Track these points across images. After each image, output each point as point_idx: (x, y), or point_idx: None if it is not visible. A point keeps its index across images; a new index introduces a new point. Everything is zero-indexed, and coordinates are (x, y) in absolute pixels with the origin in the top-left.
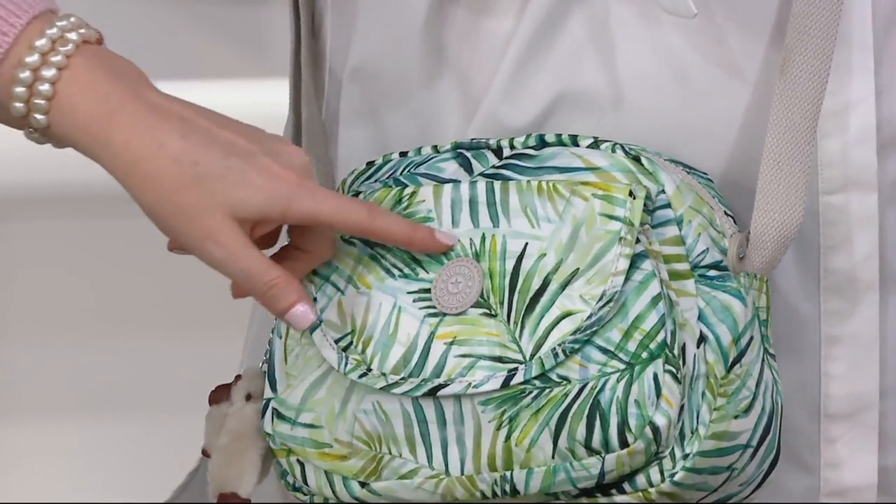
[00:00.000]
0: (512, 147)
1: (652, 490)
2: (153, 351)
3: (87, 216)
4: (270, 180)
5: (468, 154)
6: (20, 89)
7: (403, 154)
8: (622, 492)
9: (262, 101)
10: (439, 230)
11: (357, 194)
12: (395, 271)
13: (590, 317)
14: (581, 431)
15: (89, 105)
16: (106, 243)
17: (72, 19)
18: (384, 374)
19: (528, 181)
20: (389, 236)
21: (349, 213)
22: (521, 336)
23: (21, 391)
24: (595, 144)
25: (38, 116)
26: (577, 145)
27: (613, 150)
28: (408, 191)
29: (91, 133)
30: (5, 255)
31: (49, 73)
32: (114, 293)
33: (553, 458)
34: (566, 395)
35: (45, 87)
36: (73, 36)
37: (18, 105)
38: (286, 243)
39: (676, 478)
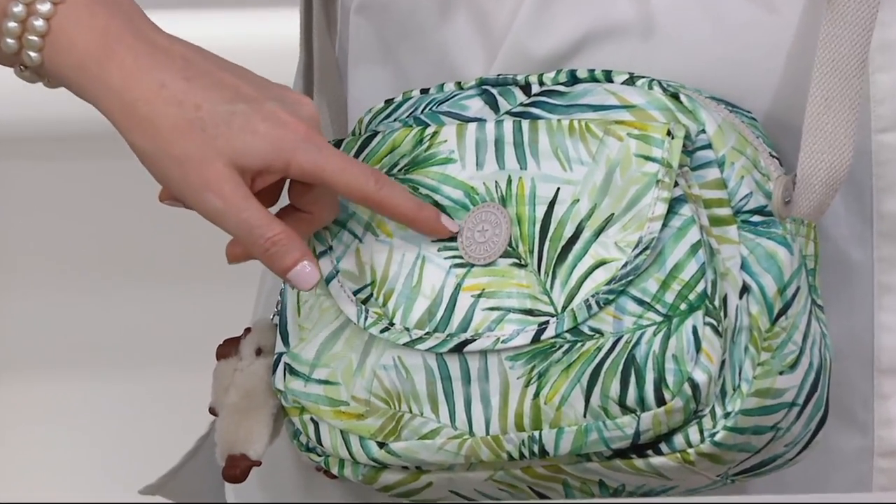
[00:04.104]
0: (541, 83)
1: (691, 451)
2: (159, 301)
3: (87, 157)
4: (276, 128)
5: (494, 91)
6: (12, 24)
7: (424, 91)
8: (659, 453)
9: (274, 32)
10: (444, 215)
11: (374, 134)
12: None
13: (625, 265)
14: (615, 388)
15: (86, 41)
16: (106, 184)
17: None
18: (407, 329)
19: (559, 120)
20: (393, 210)
21: (355, 178)
22: (552, 287)
23: (17, 344)
24: (630, 80)
25: (32, 53)
26: (612, 81)
27: (650, 87)
28: (429, 130)
29: (87, 71)
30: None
31: (44, 7)
32: (115, 238)
33: (585, 416)
34: (599, 349)
35: (39, 23)
36: None
37: (10, 41)
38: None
39: (717, 438)
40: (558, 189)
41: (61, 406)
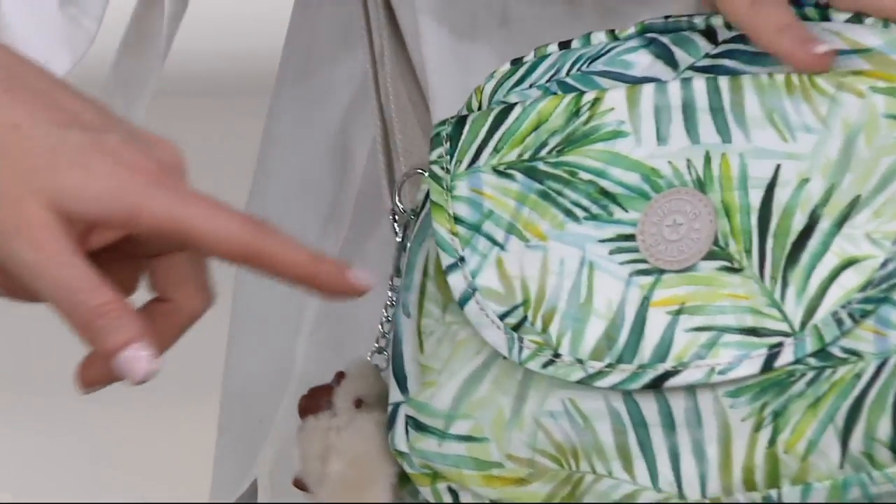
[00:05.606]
0: (729, 27)
1: None
2: None
3: None
4: (117, 166)
5: (665, 40)
6: None
7: (565, 45)
8: None
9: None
10: (356, 267)
11: (510, 106)
12: (579, 211)
13: (884, 264)
14: (884, 427)
15: None
16: None
17: None
18: (580, 361)
19: (770, 74)
20: (281, 263)
21: (226, 224)
22: (783, 297)
23: None
24: (856, 17)
25: None
26: (829, 20)
27: (885, 25)
28: (588, 97)
29: None
30: None
31: None
32: None
33: (842, 467)
34: (858, 376)
35: None
36: None
37: None
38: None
39: None
40: (778, 166)
41: None
